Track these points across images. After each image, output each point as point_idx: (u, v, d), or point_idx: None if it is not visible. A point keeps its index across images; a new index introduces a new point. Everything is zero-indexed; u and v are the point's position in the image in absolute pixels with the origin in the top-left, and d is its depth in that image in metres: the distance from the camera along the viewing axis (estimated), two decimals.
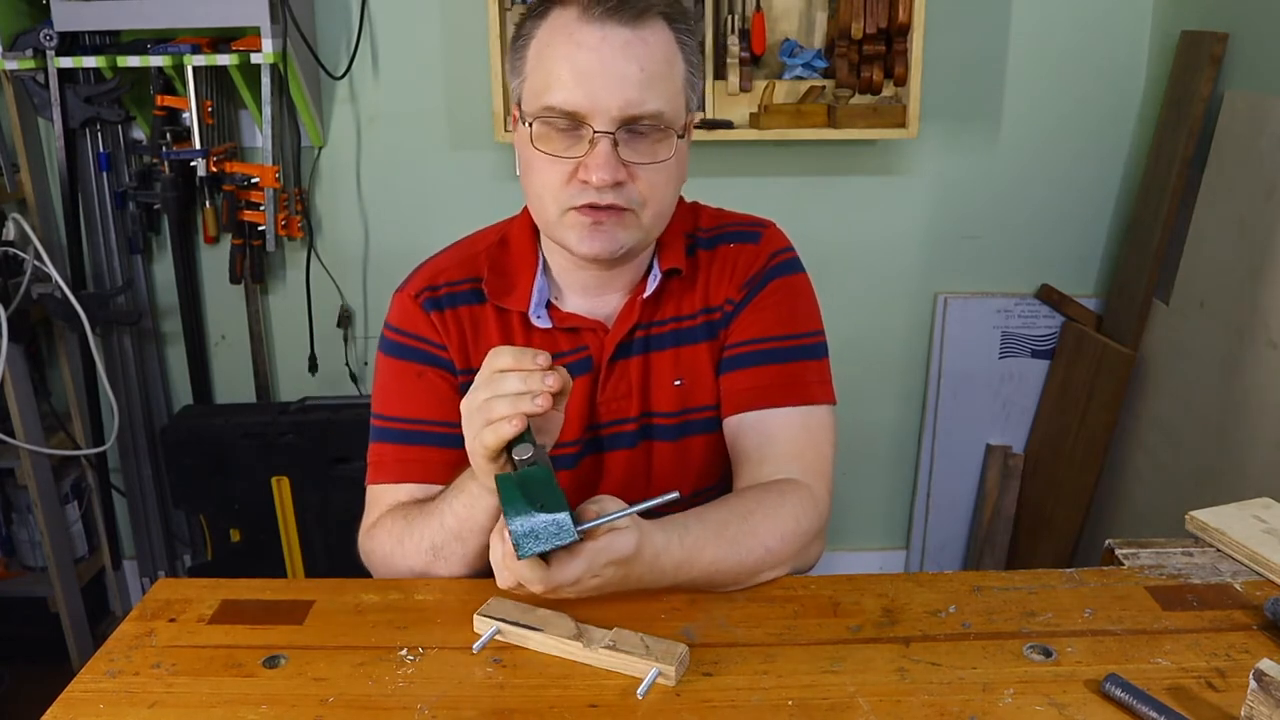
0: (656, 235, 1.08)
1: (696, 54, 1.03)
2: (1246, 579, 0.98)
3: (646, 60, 0.96)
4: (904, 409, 2.60)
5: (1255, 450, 1.81)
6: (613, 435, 1.13)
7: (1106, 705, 0.80)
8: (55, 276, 2.17)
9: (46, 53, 2.12)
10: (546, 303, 1.11)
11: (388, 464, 1.11)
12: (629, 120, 0.96)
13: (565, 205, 1.00)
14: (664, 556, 0.90)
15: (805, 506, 1.02)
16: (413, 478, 1.10)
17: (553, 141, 0.98)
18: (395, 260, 2.42)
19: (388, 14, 2.30)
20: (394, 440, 1.11)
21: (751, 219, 1.19)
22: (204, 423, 2.28)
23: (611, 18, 0.95)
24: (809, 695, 0.82)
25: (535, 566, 0.83)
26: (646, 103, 0.96)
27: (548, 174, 1.00)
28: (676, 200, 1.09)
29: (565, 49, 0.96)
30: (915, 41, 2.08)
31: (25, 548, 2.43)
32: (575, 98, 0.96)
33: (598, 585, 0.86)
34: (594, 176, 0.96)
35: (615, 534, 0.85)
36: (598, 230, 1.00)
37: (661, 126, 0.98)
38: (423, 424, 1.10)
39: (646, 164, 0.99)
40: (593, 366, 1.11)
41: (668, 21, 0.99)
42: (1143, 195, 2.25)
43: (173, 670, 0.87)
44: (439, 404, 1.10)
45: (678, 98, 1.00)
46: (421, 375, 1.11)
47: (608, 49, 0.95)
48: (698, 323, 1.12)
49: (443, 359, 1.11)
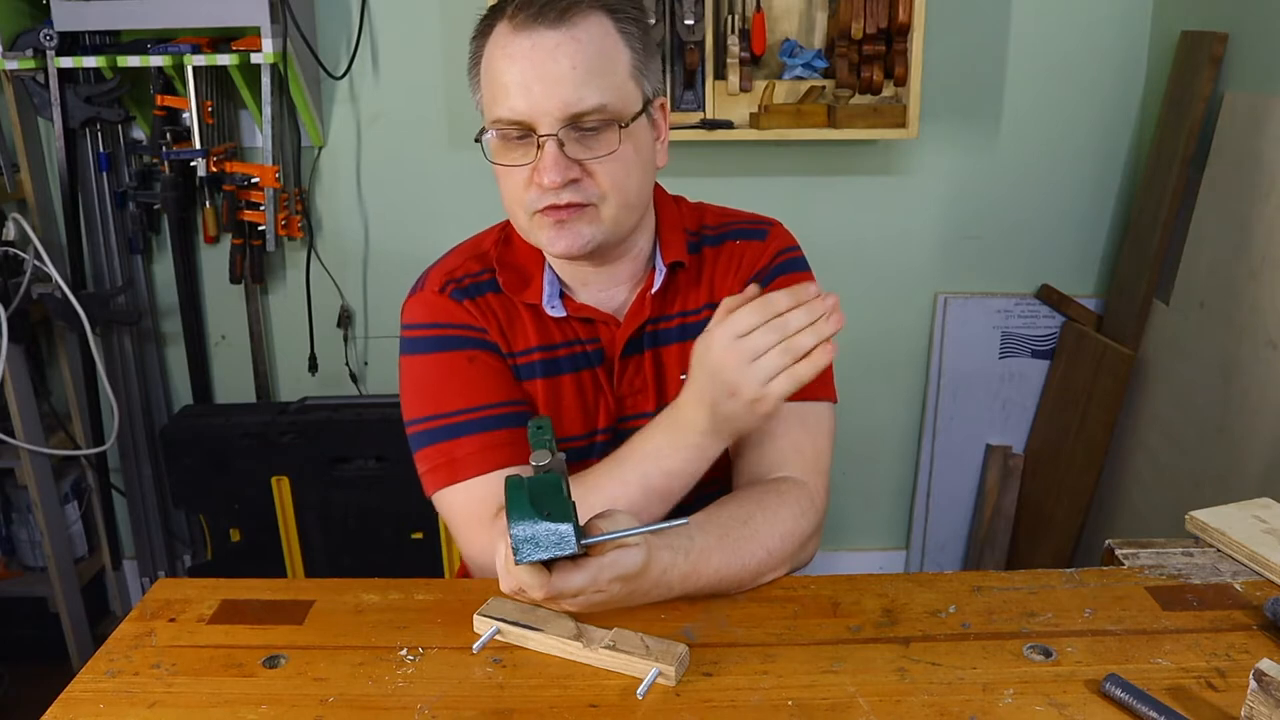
0: (629, 225, 1.07)
1: (645, 39, 1.03)
2: (1246, 579, 0.98)
3: (578, 57, 0.97)
4: (904, 409, 2.60)
5: (1255, 450, 1.81)
6: (629, 431, 1.13)
7: (1106, 705, 0.80)
8: (55, 276, 2.17)
9: (46, 53, 2.12)
10: (560, 295, 1.12)
11: (465, 459, 1.04)
12: (572, 119, 0.97)
13: (530, 210, 1.02)
14: (671, 572, 0.90)
15: (803, 505, 1.03)
16: (505, 462, 1.04)
17: (508, 152, 1.01)
18: (395, 260, 2.43)
19: (388, 14, 2.30)
20: (465, 433, 1.05)
21: (758, 217, 1.20)
22: (204, 423, 2.28)
23: (536, 23, 0.97)
24: (809, 695, 0.82)
25: (536, 573, 0.82)
26: (586, 99, 0.97)
27: (509, 182, 1.02)
28: (648, 189, 1.09)
29: (502, 62, 0.98)
30: (915, 41, 2.08)
31: (25, 548, 2.43)
32: (517, 106, 0.97)
33: (602, 600, 0.86)
34: (545, 179, 0.98)
35: (622, 550, 0.84)
36: (562, 229, 1.02)
37: (608, 120, 0.99)
38: (491, 408, 1.06)
39: (599, 157, 1.00)
40: (605, 359, 1.12)
41: (606, 13, 1.00)
42: (1143, 195, 2.25)
43: (172, 670, 0.87)
44: (502, 384, 1.08)
45: (623, 87, 1.00)
46: (474, 360, 1.09)
47: (538, 54, 0.96)
48: (703, 317, 1.13)
49: (489, 341, 1.10)
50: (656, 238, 1.14)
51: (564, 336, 1.12)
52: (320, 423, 2.24)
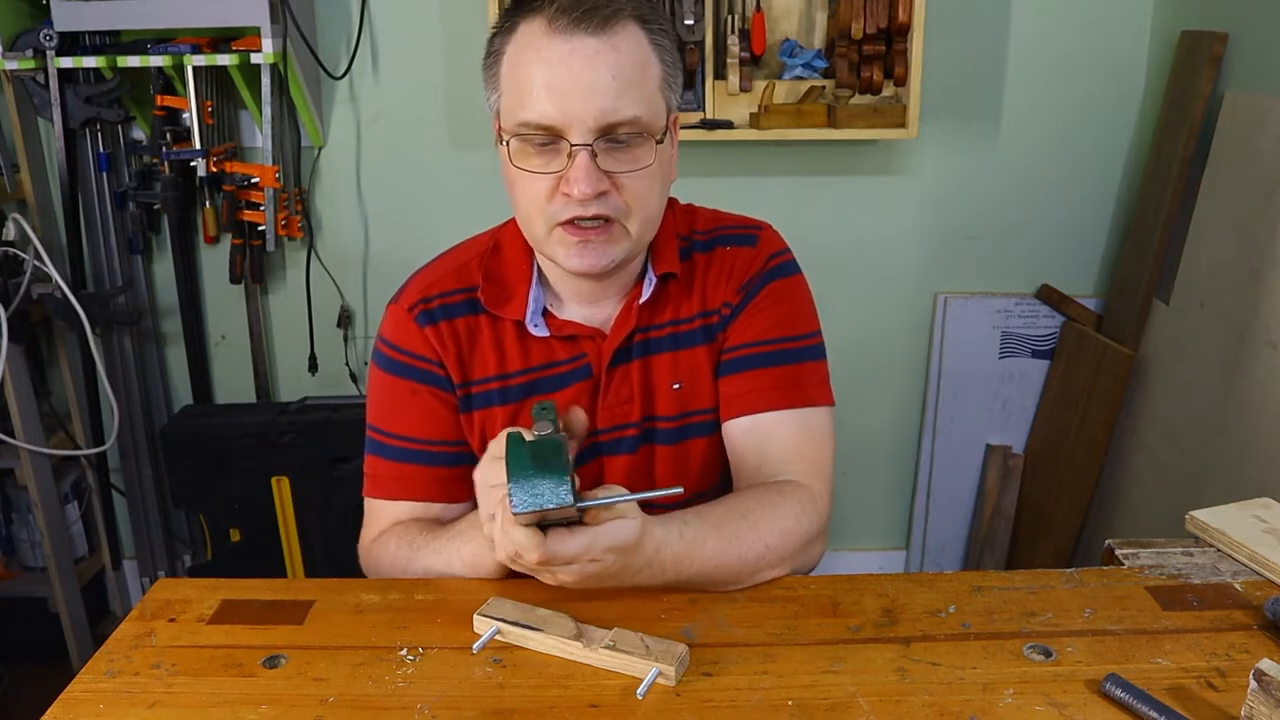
0: (647, 242, 1.07)
1: (673, 53, 1.02)
2: (1246, 579, 0.98)
3: (618, 68, 0.95)
4: (904, 409, 2.60)
5: (1255, 450, 1.81)
6: (614, 440, 1.12)
7: (1106, 705, 0.80)
8: (55, 276, 2.17)
9: (46, 53, 2.12)
10: (543, 311, 1.10)
11: (384, 480, 1.12)
12: (606, 130, 0.95)
13: (552, 221, 0.99)
14: (664, 550, 0.90)
15: (805, 505, 1.02)
16: (410, 495, 1.11)
17: (532, 158, 0.98)
18: (395, 260, 2.43)
19: (388, 14, 2.30)
20: (389, 457, 1.12)
21: (747, 221, 1.18)
22: (204, 423, 2.28)
23: (578, 28, 0.94)
24: (809, 695, 0.82)
25: (532, 534, 0.82)
26: (622, 110, 0.95)
27: (530, 190, 0.99)
28: (665, 204, 1.08)
29: (535, 65, 0.95)
30: (915, 41, 2.08)
31: (25, 548, 2.43)
32: (549, 112, 0.94)
33: (596, 571, 0.86)
34: (575, 190, 0.95)
35: (618, 521, 0.84)
36: (586, 248, 0.99)
37: (640, 133, 0.97)
38: (417, 442, 1.11)
39: (628, 171, 0.98)
40: (592, 374, 1.11)
41: (640, 23, 0.98)
42: (1143, 195, 2.25)
43: (173, 670, 0.87)
44: (434, 423, 1.11)
45: (655, 100, 0.99)
46: (416, 393, 1.11)
47: (577, 60, 0.94)
48: (695, 326, 1.12)
49: (439, 376, 1.11)
50: (650, 248, 1.12)
51: (542, 359, 1.10)
52: (320, 423, 2.24)
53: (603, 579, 0.87)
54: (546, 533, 0.83)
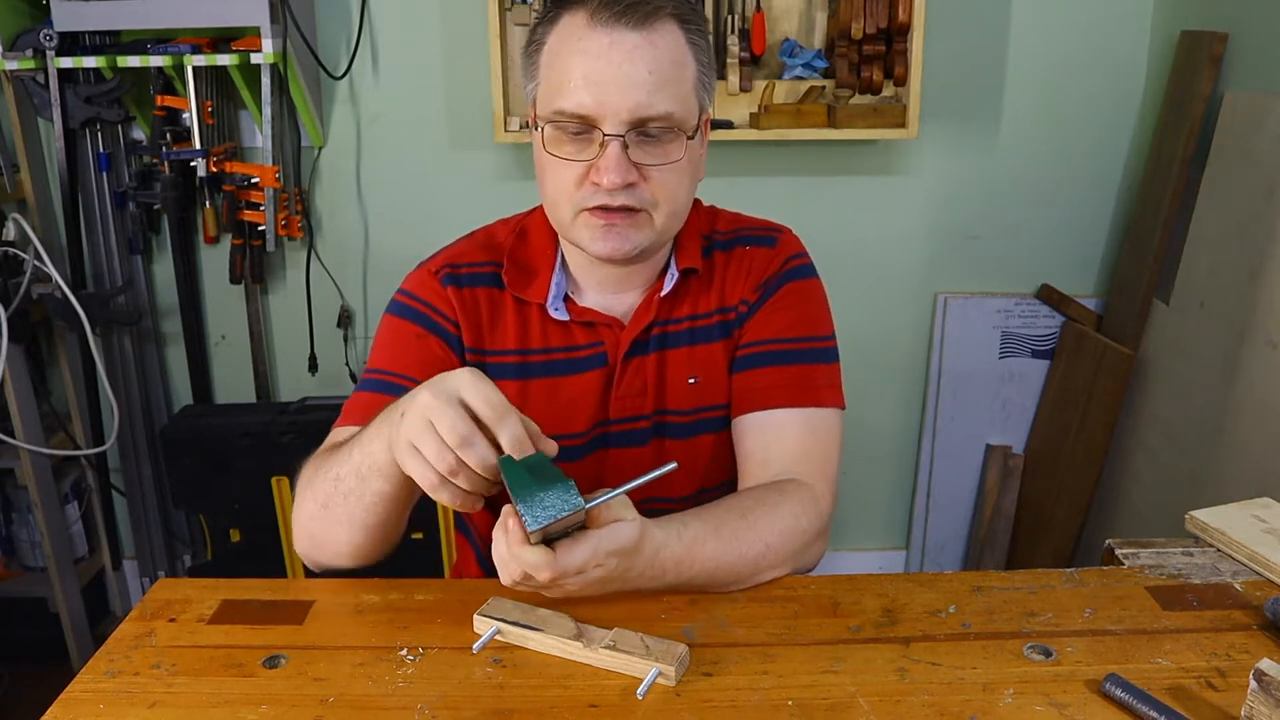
0: (671, 235, 1.09)
1: (708, 53, 1.04)
2: (1246, 579, 0.98)
3: (655, 63, 0.97)
4: (904, 409, 2.60)
5: (1255, 450, 1.81)
6: (625, 432, 1.13)
7: (1106, 705, 0.80)
8: (55, 276, 2.17)
9: (46, 53, 2.12)
10: (564, 296, 1.12)
11: (357, 408, 1.10)
12: (639, 123, 0.97)
13: (578, 207, 1.01)
14: (664, 552, 0.90)
15: (806, 505, 1.02)
16: None
17: (564, 145, 1.00)
18: (395, 260, 2.43)
19: (388, 14, 2.30)
20: (371, 389, 1.10)
21: (768, 224, 1.20)
22: (204, 423, 2.28)
23: (620, 22, 0.96)
24: (809, 695, 0.82)
25: (543, 552, 0.82)
26: (656, 105, 0.97)
27: (560, 177, 1.01)
28: (691, 200, 1.10)
29: (575, 55, 0.97)
30: (915, 41, 2.08)
31: (25, 548, 2.43)
32: (585, 102, 0.97)
33: (601, 576, 0.86)
34: (605, 179, 0.98)
35: (618, 524, 0.85)
36: (610, 231, 1.01)
37: (672, 128, 0.99)
38: (405, 379, 1.07)
39: (658, 165, 1.00)
40: (607, 362, 1.12)
41: (679, 22, 1.00)
42: (1143, 195, 2.25)
43: (173, 670, 0.87)
44: (428, 367, 1.07)
45: (688, 98, 1.01)
46: (420, 338, 1.11)
47: (617, 53, 0.96)
48: (713, 322, 1.13)
49: (450, 333, 1.11)
50: (674, 243, 1.14)
51: (562, 341, 1.12)
52: (320, 423, 2.20)
53: (605, 584, 0.87)
54: (554, 547, 0.83)
